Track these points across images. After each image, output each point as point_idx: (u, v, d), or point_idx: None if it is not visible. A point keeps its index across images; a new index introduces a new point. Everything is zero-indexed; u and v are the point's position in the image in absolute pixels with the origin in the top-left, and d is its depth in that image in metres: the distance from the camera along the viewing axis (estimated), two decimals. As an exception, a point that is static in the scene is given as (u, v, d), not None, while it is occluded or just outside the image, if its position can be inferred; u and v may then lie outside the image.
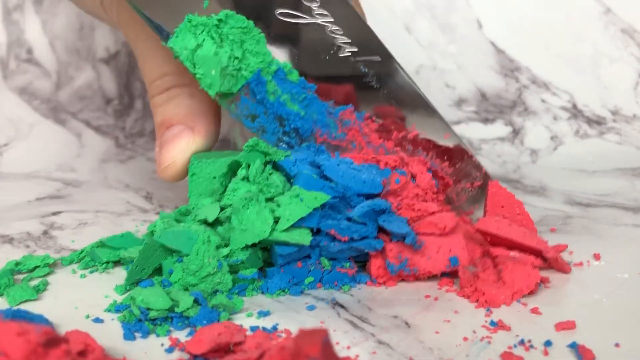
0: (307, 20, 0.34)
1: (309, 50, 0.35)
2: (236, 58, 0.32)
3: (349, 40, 0.35)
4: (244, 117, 0.33)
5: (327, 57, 0.35)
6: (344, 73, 0.36)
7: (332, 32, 0.34)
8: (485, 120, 0.60)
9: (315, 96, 0.34)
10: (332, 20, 0.34)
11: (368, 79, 0.36)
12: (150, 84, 0.38)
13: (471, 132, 0.59)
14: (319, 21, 0.34)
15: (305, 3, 0.34)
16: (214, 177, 0.34)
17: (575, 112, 0.59)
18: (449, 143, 0.37)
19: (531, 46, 0.60)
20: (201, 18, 0.32)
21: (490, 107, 0.61)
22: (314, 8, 0.34)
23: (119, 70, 0.61)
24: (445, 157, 0.37)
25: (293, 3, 0.34)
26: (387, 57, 0.36)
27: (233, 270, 0.29)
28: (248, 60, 0.32)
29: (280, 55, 0.34)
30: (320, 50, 0.35)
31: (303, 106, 0.34)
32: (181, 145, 0.36)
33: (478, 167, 0.38)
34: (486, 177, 0.38)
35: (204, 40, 0.32)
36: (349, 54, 0.35)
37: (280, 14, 0.34)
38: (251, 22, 0.32)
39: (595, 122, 0.59)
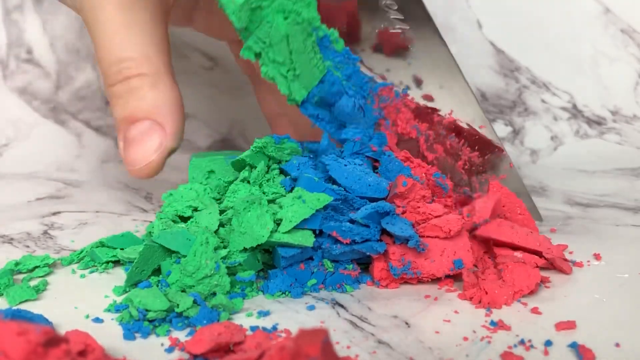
0: None
1: (361, 20, 0.35)
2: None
3: (402, 17, 0.35)
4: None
5: (376, 30, 0.35)
6: (385, 67, 0.36)
7: (386, 5, 0.34)
8: (485, 121, 0.60)
9: (358, 68, 0.34)
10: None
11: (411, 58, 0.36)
12: (107, 69, 0.35)
13: (471, 132, 0.59)
14: None
15: None
16: (211, 171, 0.34)
17: (575, 112, 0.59)
18: (483, 133, 0.37)
19: (531, 46, 0.60)
20: None
21: (490, 107, 0.61)
22: None
23: (119, 71, 0.61)
24: (477, 147, 0.37)
25: None
26: (439, 42, 0.36)
27: (231, 272, 0.29)
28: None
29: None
30: (373, 23, 0.35)
31: (345, 76, 0.34)
32: (154, 144, 0.34)
33: (506, 161, 0.38)
34: (513, 172, 0.38)
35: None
36: (400, 30, 0.35)
37: None
38: None
39: (595, 122, 0.59)
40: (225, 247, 0.29)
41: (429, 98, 0.37)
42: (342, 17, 0.35)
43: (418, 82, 0.37)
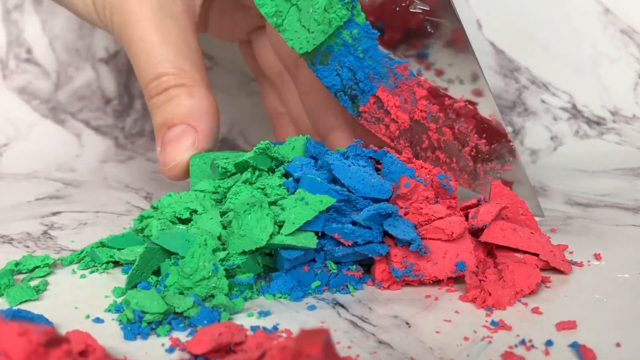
0: None
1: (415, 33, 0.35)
2: None
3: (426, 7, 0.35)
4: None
5: (397, 8, 0.35)
6: (409, 26, 0.35)
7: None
8: (485, 121, 0.60)
9: (376, 43, 0.34)
10: None
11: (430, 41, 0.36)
12: (147, 85, 0.38)
13: (471, 132, 0.59)
14: None
15: None
16: (206, 164, 0.35)
17: (575, 112, 0.59)
18: (489, 117, 0.37)
19: (531, 46, 0.61)
20: None
21: (490, 108, 0.61)
22: None
23: (119, 70, 0.61)
24: (485, 135, 0.37)
25: None
26: (456, 24, 0.36)
27: (230, 274, 0.29)
28: None
29: None
30: (425, 36, 0.35)
31: (362, 49, 0.34)
32: (186, 145, 0.36)
33: (513, 152, 0.38)
34: (518, 164, 0.38)
35: None
36: (420, 10, 0.35)
37: None
38: None
39: (595, 122, 0.59)
40: (224, 249, 0.29)
41: (478, 93, 0.37)
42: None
43: (474, 78, 0.37)
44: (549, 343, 0.24)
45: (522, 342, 0.24)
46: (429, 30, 0.36)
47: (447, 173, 0.37)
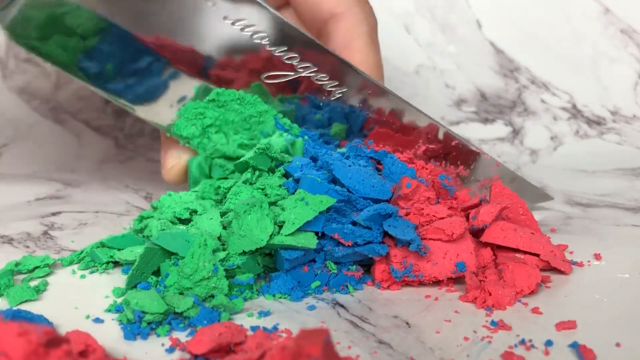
0: (293, 75, 0.35)
1: (304, 104, 0.37)
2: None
3: (337, 82, 0.36)
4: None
5: (321, 104, 0.36)
6: (342, 112, 0.37)
7: (318, 80, 0.36)
8: (485, 121, 0.60)
9: (318, 142, 0.36)
10: (316, 69, 0.35)
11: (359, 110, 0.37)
12: None
13: (471, 133, 0.59)
14: (303, 74, 0.35)
15: (286, 61, 0.35)
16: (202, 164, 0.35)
17: (575, 112, 0.59)
18: (455, 146, 0.38)
19: (531, 46, 0.61)
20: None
21: (490, 108, 0.61)
22: (295, 64, 0.35)
23: (119, 71, 0.61)
24: (459, 162, 0.38)
25: (275, 65, 0.35)
26: (372, 83, 0.37)
27: (230, 275, 0.29)
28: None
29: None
30: (314, 98, 0.36)
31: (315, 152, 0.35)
32: (185, 149, 0.37)
33: (491, 162, 0.39)
34: (502, 168, 0.39)
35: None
36: (340, 94, 0.36)
37: (267, 77, 0.35)
38: (241, 92, 0.35)
39: (595, 122, 0.59)
40: (224, 250, 0.29)
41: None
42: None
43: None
44: (549, 343, 0.24)
45: (522, 342, 0.24)
46: (358, 105, 0.37)
47: None
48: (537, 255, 0.31)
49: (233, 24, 0.33)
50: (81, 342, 0.21)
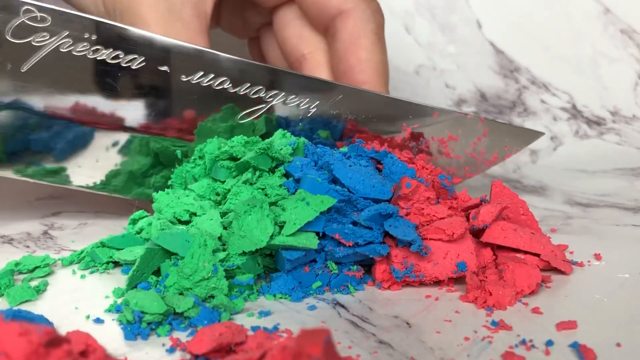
0: (264, 107, 0.36)
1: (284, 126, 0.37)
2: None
3: (308, 99, 0.37)
4: None
5: (301, 124, 0.37)
6: (321, 123, 0.38)
7: (288, 103, 0.37)
8: (485, 121, 0.60)
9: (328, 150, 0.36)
10: (284, 93, 0.36)
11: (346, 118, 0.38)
12: None
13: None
14: (273, 102, 0.36)
15: (253, 96, 0.36)
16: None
17: (574, 112, 0.59)
18: (437, 117, 0.39)
19: (531, 46, 0.61)
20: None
21: (489, 108, 0.61)
22: (262, 95, 0.36)
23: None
24: (446, 130, 0.39)
25: (245, 104, 0.36)
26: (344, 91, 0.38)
27: (230, 275, 0.29)
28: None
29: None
30: (292, 122, 0.37)
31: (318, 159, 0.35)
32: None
33: (475, 120, 0.40)
34: (488, 122, 0.40)
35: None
36: (315, 109, 0.37)
37: (240, 118, 0.36)
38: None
39: (595, 122, 0.59)
40: (225, 250, 0.29)
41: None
42: None
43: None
44: (549, 343, 0.24)
45: (523, 342, 0.24)
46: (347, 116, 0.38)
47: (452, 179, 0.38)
48: (538, 255, 0.31)
49: (191, 80, 0.34)
50: (82, 342, 0.21)
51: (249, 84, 0.35)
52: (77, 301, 0.28)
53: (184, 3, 0.38)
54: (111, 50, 0.33)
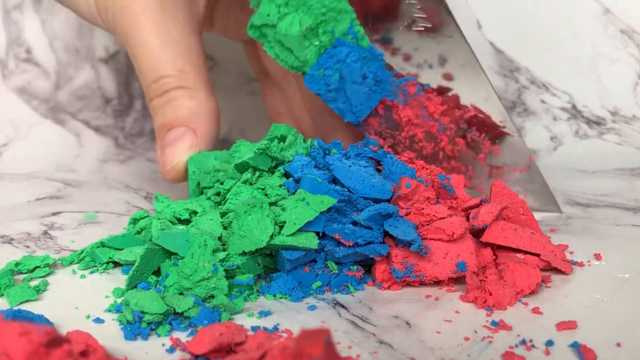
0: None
1: (384, 17, 0.36)
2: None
3: (424, 15, 0.36)
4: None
5: (400, 28, 0.36)
6: (415, 46, 0.36)
7: (410, 3, 0.35)
8: (485, 121, 0.60)
9: (382, 64, 0.35)
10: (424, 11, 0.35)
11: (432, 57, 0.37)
12: (148, 87, 0.38)
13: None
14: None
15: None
16: (207, 173, 0.35)
17: (574, 112, 0.59)
18: (503, 128, 0.39)
19: (530, 47, 0.60)
20: None
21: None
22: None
23: (118, 70, 0.61)
24: (497, 141, 0.39)
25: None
26: (460, 39, 0.37)
27: (230, 275, 0.29)
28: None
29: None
30: (395, 19, 0.36)
31: (370, 71, 0.35)
32: (184, 147, 0.37)
33: (526, 154, 0.39)
34: (532, 165, 0.39)
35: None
36: (422, 28, 0.36)
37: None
38: None
39: (595, 122, 0.59)
40: (224, 250, 0.29)
41: (448, 77, 0.38)
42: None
43: (442, 61, 0.38)
44: (549, 343, 0.24)
45: (523, 342, 0.24)
46: (435, 46, 0.37)
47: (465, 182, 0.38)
48: (538, 255, 0.31)
49: None
50: (82, 342, 0.21)
51: None
52: (77, 301, 0.28)
53: (177, 3, 0.38)
54: None
